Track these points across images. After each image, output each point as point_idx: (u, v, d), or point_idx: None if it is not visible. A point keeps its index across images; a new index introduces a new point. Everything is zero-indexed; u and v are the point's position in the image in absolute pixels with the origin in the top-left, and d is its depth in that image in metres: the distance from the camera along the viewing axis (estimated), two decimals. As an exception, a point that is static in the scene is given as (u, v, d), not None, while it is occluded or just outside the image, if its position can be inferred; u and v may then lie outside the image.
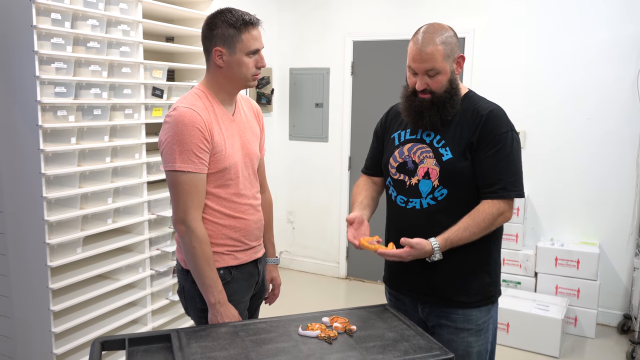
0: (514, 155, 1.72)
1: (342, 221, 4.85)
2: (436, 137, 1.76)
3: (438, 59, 1.68)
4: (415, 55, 1.70)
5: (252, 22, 1.77)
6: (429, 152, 1.76)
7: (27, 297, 2.57)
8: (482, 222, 1.68)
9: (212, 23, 1.77)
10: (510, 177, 1.70)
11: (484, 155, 1.71)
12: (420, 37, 1.70)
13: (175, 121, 1.71)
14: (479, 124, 1.71)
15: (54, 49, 2.44)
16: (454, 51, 1.72)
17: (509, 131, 1.71)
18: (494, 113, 1.73)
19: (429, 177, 1.75)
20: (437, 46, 1.67)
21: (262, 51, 1.83)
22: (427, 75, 1.71)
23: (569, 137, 3.93)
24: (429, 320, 1.82)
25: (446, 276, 1.76)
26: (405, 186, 1.80)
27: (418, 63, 1.70)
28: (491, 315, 1.82)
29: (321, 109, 4.83)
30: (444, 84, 1.72)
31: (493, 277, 1.82)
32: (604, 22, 3.75)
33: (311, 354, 1.46)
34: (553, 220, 4.05)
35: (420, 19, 4.24)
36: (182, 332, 1.58)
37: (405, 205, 1.80)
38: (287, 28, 4.87)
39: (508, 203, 1.71)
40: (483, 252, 1.78)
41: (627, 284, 3.87)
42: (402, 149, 1.82)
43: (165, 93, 3.08)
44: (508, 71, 4.07)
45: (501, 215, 1.70)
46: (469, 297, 1.77)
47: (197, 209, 1.74)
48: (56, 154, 2.50)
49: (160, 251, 3.06)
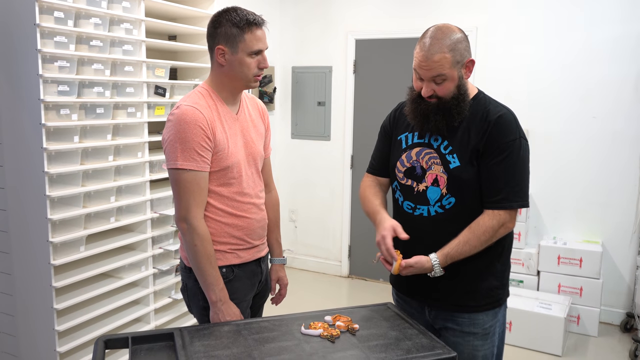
0: (520, 164, 1.66)
1: (344, 220, 4.85)
2: (443, 143, 1.71)
3: (446, 66, 1.61)
4: (421, 61, 1.63)
5: (256, 23, 1.76)
6: (437, 159, 1.71)
7: (31, 295, 2.58)
8: (482, 236, 1.64)
9: (216, 21, 1.77)
10: (514, 186, 1.65)
11: (489, 163, 1.65)
12: (427, 42, 1.62)
13: (178, 119, 1.71)
14: (486, 130, 1.65)
15: (57, 47, 2.44)
16: (464, 56, 1.64)
17: (517, 139, 1.65)
18: (503, 119, 1.66)
19: (438, 184, 1.71)
20: (445, 54, 1.60)
21: (265, 51, 1.82)
22: (433, 82, 1.64)
23: (573, 136, 3.92)
24: (436, 323, 1.81)
25: (454, 280, 1.72)
26: (413, 192, 1.76)
27: (425, 70, 1.63)
28: (498, 319, 1.79)
29: (323, 108, 4.82)
30: (452, 90, 1.65)
31: (501, 281, 1.79)
32: (609, 20, 3.74)
33: (314, 353, 1.46)
34: (556, 218, 4.04)
35: (423, 17, 4.24)
36: (185, 330, 1.58)
37: (413, 212, 1.76)
38: (289, 26, 4.87)
39: (510, 214, 1.66)
40: (492, 255, 1.74)
41: (629, 282, 3.86)
42: (410, 153, 1.77)
43: (168, 91, 3.08)
44: (512, 69, 4.06)
45: (502, 226, 1.65)
46: (477, 301, 1.74)
47: (199, 206, 1.75)
48: (59, 152, 2.50)
49: (163, 250, 3.07)
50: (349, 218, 4.82)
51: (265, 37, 1.80)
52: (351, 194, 4.78)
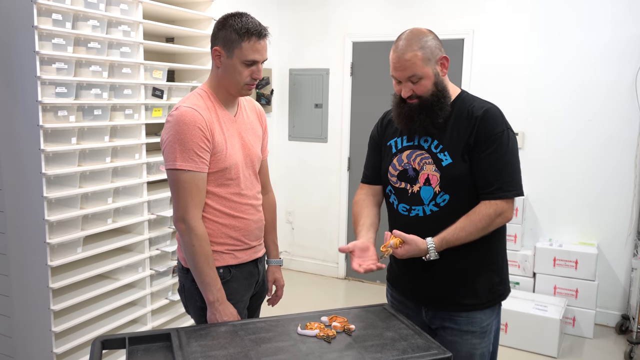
0: (511, 155, 1.70)
1: (341, 221, 4.86)
2: (433, 142, 1.75)
3: (418, 64, 1.67)
4: (395, 63, 1.71)
5: (257, 33, 1.75)
6: (428, 159, 1.74)
7: (28, 296, 2.58)
8: (478, 223, 1.67)
9: (221, 23, 1.78)
10: (508, 176, 1.69)
11: (480, 156, 1.69)
12: (399, 45, 1.70)
13: (176, 120, 1.72)
14: (474, 125, 1.69)
15: (54, 49, 2.45)
16: (435, 53, 1.70)
17: (504, 130, 1.69)
18: (489, 113, 1.70)
19: (430, 183, 1.73)
20: (415, 52, 1.67)
21: (262, 62, 1.81)
22: (410, 82, 1.71)
23: (568, 139, 3.94)
24: (433, 323, 1.82)
25: (452, 279, 1.74)
26: (407, 194, 1.78)
27: (399, 71, 1.70)
28: (495, 316, 1.81)
29: (320, 110, 4.84)
30: (429, 88, 1.71)
31: (501, 276, 1.81)
32: (605, 23, 3.76)
33: (310, 353, 1.47)
34: (552, 220, 4.06)
35: (420, 19, 4.26)
36: (182, 331, 1.59)
37: (408, 213, 1.78)
38: (287, 28, 4.88)
39: (507, 203, 1.69)
40: (489, 251, 1.76)
41: (625, 284, 3.88)
42: (401, 157, 1.81)
43: (166, 93, 3.09)
44: (508, 72, 4.08)
45: (500, 215, 1.68)
46: (478, 299, 1.75)
47: (197, 207, 1.76)
48: (57, 154, 2.50)
49: (160, 251, 3.07)
50: (346, 220, 4.83)
51: (264, 49, 1.80)
52: (348, 196, 4.79)
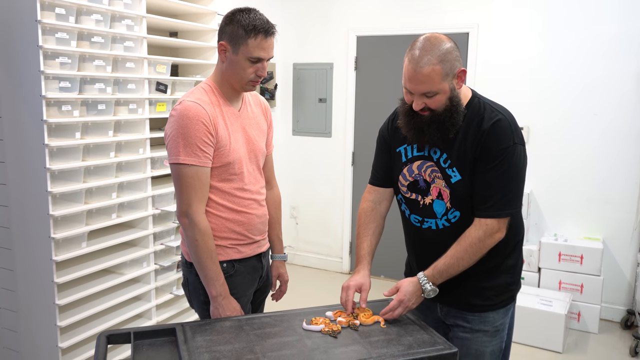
0: (512, 172, 1.60)
1: (345, 216, 4.85)
2: (442, 156, 1.67)
3: (436, 80, 1.54)
4: (410, 75, 1.56)
5: (263, 31, 1.73)
6: (438, 173, 1.68)
7: (33, 291, 2.58)
8: (468, 248, 1.60)
9: (228, 18, 1.77)
10: (505, 195, 1.60)
11: (481, 170, 1.61)
12: (416, 55, 1.55)
13: (180, 115, 1.71)
14: (481, 139, 1.60)
15: (58, 43, 2.44)
16: (454, 67, 1.57)
17: (510, 146, 1.59)
18: (497, 126, 1.60)
19: (442, 198, 1.68)
20: (434, 66, 1.53)
21: (267, 60, 1.79)
22: (424, 96, 1.58)
23: (573, 133, 3.92)
24: (447, 319, 1.80)
25: (465, 280, 1.69)
26: (419, 206, 1.73)
27: (414, 84, 1.57)
28: (508, 315, 1.78)
29: (324, 104, 4.82)
30: (444, 102, 1.59)
31: (514, 277, 1.77)
32: (610, 17, 3.73)
33: (315, 348, 1.47)
34: (557, 215, 4.05)
35: (425, 13, 4.24)
36: (187, 326, 1.59)
37: (421, 225, 1.74)
38: (290, 22, 4.86)
39: (499, 222, 1.61)
40: (503, 254, 1.71)
41: (630, 279, 3.87)
42: (411, 167, 1.73)
43: (169, 88, 3.09)
44: (512, 66, 4.05)
45: (490, 237, 1.61)
46: (490, 300, 1.72)
47: (201, 202, 1.75)
48: (61, 148, 2.50)
49: (165, 246, 3.07)
50: (350, 215, 4.82)
51: (271, 47, 1.77)
52: (352, 191, 4.78)
